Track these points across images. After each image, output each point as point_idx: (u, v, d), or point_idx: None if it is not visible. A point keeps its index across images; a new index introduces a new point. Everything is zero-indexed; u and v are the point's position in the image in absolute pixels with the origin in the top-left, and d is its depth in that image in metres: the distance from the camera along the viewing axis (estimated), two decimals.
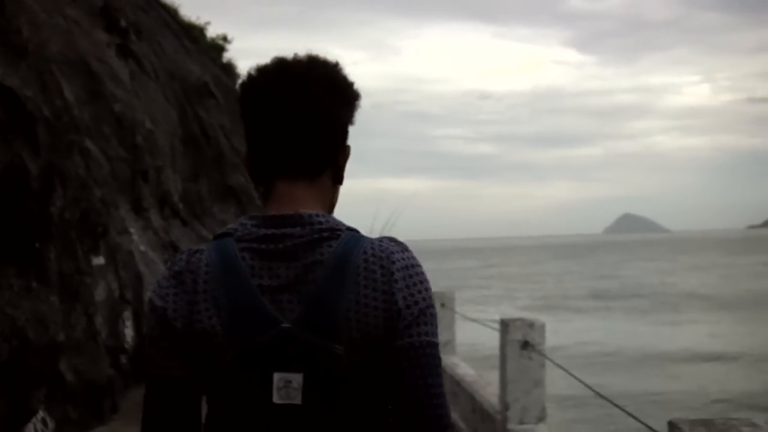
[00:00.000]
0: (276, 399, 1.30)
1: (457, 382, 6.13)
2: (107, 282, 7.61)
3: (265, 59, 1.48)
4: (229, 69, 34.80)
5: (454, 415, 6.21)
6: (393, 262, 1.36)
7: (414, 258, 1.40)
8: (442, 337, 7.85)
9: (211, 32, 34.42)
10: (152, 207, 10.93)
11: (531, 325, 4.66)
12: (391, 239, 1.42)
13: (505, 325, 4.77)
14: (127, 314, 8.38)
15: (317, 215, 1.38)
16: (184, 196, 16.92)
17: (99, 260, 7.53)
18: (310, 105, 1.40)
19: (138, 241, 9.53)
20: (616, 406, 3.44)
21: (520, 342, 4.55)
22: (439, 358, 1.38)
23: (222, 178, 24.22)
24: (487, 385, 5.89)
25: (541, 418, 4.50)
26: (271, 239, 1.35)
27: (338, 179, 1.48)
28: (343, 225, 1.41)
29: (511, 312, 36.11)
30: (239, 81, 1.54)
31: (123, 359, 8.14)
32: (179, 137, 18.57)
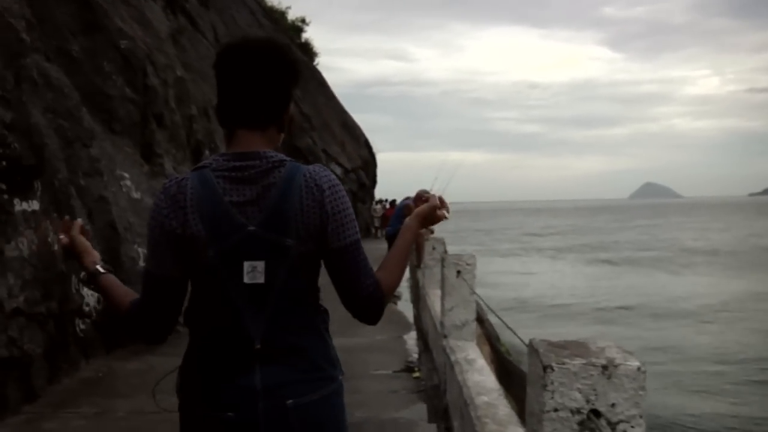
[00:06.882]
0: (246, 280, 1.43)
1: (466, 403, 3.01)
2: (42, 232, 4.81)
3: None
4: (306, 47, 31.95)
5: None
6: (324, 182, 1.49)
7: (336, 179, 1.52)
8: (457, 317, 4.72)
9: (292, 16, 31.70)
10: (168, 153, 8.12)
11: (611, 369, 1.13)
12: (320, 166, 1.54)
13: (534, 352, 1.27)
14: None
15: (269, 152, 1.50)
16: None
17: (28, 205, 4.73)
18: (264, 75, 1.50)
19: (131, 186, 6.72)
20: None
21: (580, 411, 1.15)
22: (361, 247, 1.52)
23: (290, 140, 21.34)
24: (509, 425, 2.58)
25: None
26: (238, 169, 1.47)
27: (281, 129, 1.58)
28: (287, 157, 1.52)
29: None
30: (216, 50, 1.65)
31: (81, 325, 5.39)
32: None
